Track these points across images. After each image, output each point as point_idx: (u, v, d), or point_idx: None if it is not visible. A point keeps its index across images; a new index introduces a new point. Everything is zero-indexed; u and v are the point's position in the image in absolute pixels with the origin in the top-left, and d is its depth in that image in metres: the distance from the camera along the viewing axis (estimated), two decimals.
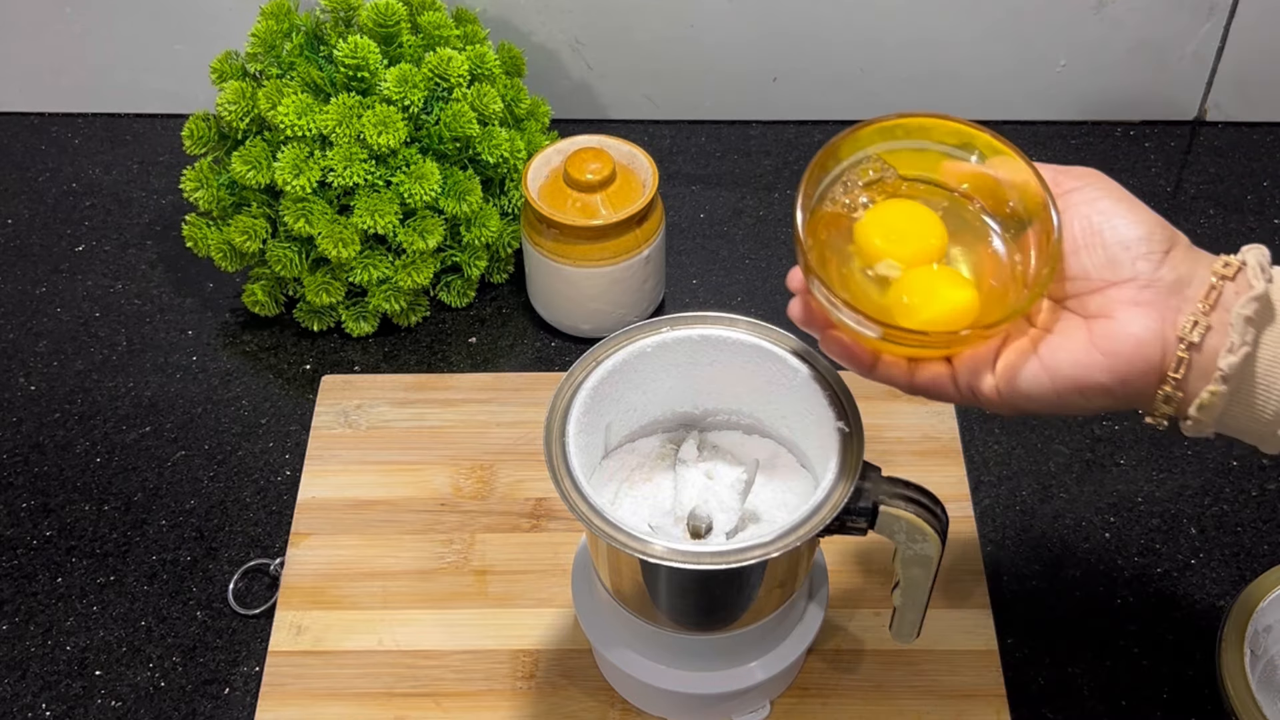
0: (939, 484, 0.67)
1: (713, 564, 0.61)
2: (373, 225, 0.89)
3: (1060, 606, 0.80)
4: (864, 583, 0.80)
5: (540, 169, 0.92)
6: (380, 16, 0.91)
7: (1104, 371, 0.57)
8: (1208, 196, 1.04)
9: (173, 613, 0.81)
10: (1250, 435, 0.59)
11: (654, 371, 0.70)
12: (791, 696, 0.76)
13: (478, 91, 0.92)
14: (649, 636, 0.70)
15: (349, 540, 0.83)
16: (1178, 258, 0.58)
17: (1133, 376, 0.57)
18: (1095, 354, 0.57)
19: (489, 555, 0.82)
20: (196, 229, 0.93)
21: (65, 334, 0.96)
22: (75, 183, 1.08)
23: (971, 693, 0.75)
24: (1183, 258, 0.58)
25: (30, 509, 0.86)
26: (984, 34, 1.04)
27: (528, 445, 0.87)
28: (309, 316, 0.96)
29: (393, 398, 0.90)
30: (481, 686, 0.76)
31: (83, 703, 0.77)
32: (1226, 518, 0.84)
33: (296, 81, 0.90)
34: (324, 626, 0.79)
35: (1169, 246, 0.58)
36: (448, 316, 0.98)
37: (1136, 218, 0.59)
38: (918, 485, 0.64)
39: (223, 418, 0.91)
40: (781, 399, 0.69)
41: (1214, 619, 0.79)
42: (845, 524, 0.64)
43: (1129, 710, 0.76)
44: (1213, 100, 1.09)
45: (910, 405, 0.88)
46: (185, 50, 1.07)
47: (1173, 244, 0.58)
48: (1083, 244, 0.59)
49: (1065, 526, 0.84)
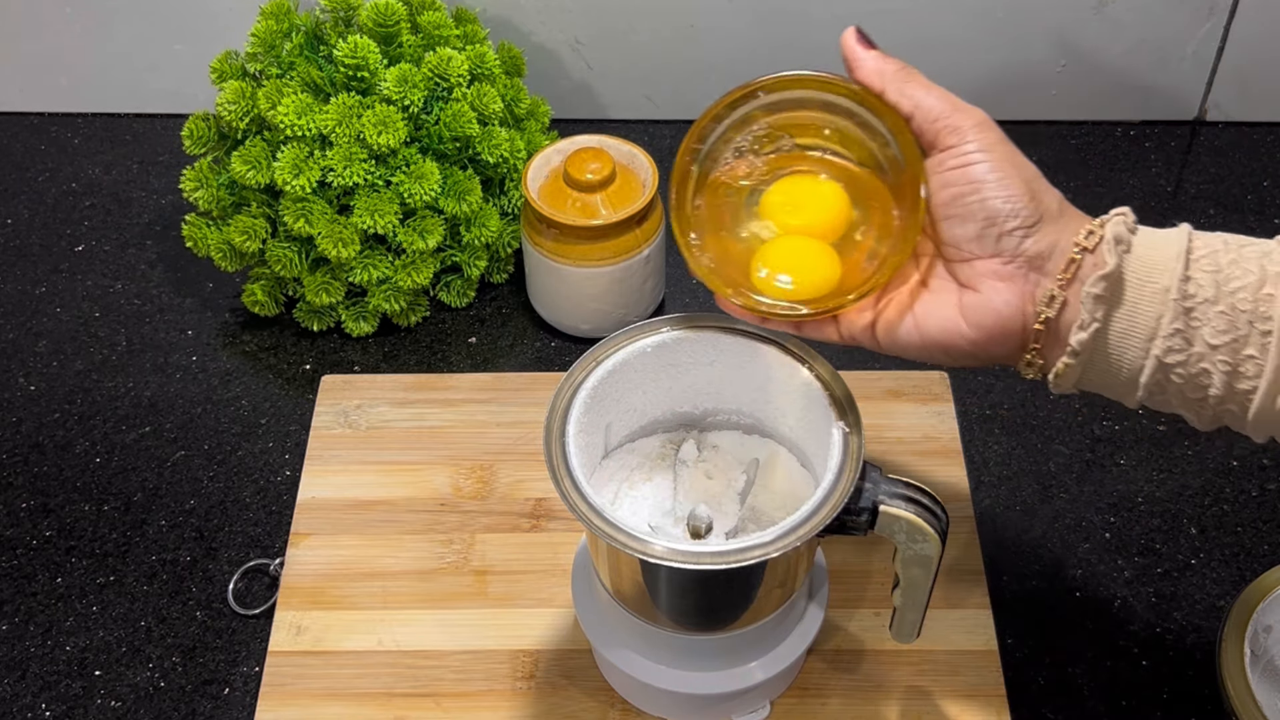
0: (939, 484, 0.67)
1: (713, 564, 0.61)
2: (372, 225, 0.89)
3: (1060, 606, 0.80)
4: (864, 583, 0.80)
5: (540, 169, 0.92)
6: (380, 16, 0.91)
7: (968, 340, 0.61)
8: (1208, 196, 1.04)
9: (172, 613, 0.81)
10: (1110, 394, 0.62)
11: (654, 371, 0.70)
12: (791, 696, 0.75)
13: (478, 91, 0.92)
14: (649, 636, 0.70)
15: (349, 540, 0.83)
16: (1043, 230, 0.60)
17: (994, 346, 0.61)
18: (961, 323, 0.61)
19: (489, 555, 0.82)
20: (196, 229, 0.93)
21: (65, 334, 0.96)
22: (75, 183, 1.08)
23: (971, 693, 0.75)
24: (1048, 229, 0.60)
25: (30, 509, 0.86)
26: (984, 34, 1.04)
27: (528, 445, 0.87)
28: (309, 316, 0.95)
29: (393, 398, 0.90)
30: (481, 687, 0.76)
31: (82, 703, 0.77)
32: (1227, 518, 0.84)
33: (296, 81, 0.90)
34: (324, 627, 0.79)
35: (1036, 219, 0.60)
36: (448, 316, 0.98)
37: (1006, 190, 0.60)
38: (918, 485, 0.64)
39: (222, 418, 0.91)
40: (781, 399, 0.69)
41: (1214, 619, 0.79)
42: (845, 524, 0.64)
43: (1129, 710, 0.76)
44: (1213, 100, 1.09)
45: (910, 405, 0.88)
46: (185, 50, 1.07)
47: (1040, 216, 0.60)
48: (952, 213, 0.61)
49: (1065, 526, 0.84)
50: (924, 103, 0.61)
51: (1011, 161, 0.60)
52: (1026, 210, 0.60)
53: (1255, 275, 0.58)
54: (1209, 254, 0.59)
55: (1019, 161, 0.61)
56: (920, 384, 0.90)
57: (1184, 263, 0.58)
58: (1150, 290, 0.59)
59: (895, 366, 0.92)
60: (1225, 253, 0.59)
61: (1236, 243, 0.59)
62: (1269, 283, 0.57)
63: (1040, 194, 0.60)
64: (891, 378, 0.90)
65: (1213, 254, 0.59)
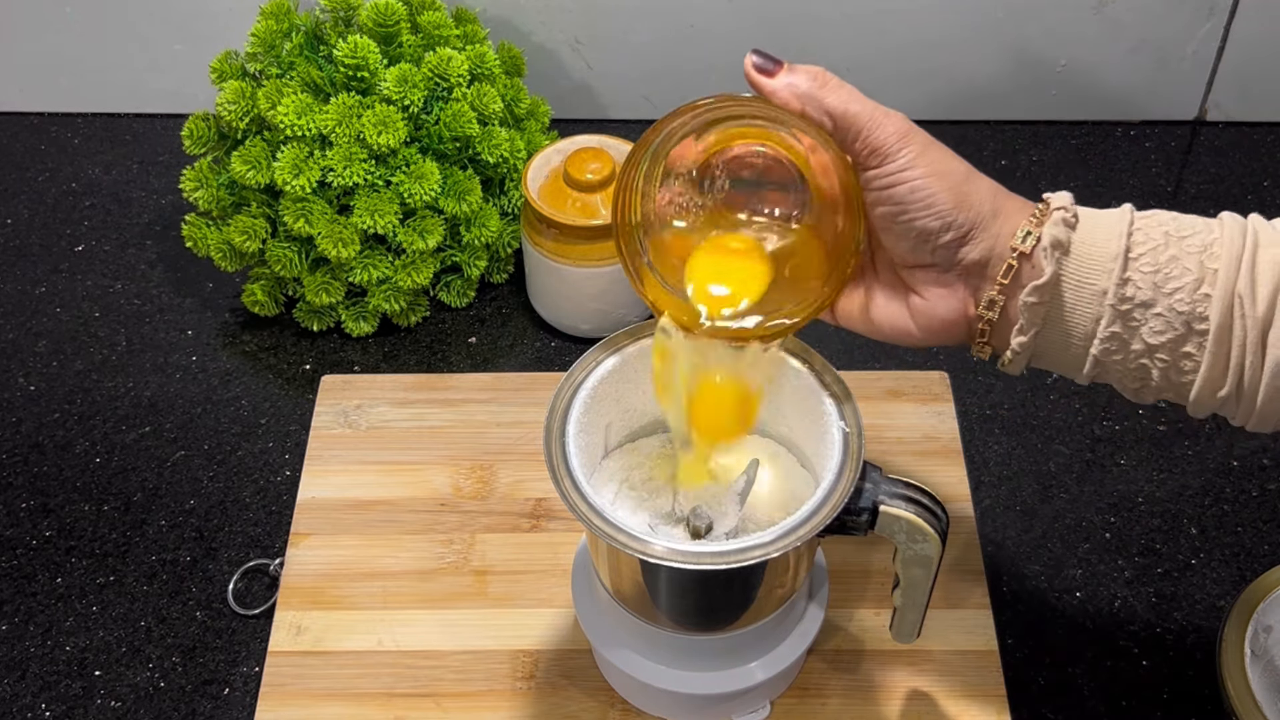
0: (939, 484, 0.67)
1: (713, 564, 0.61)
2: (372, 225, 0.89)
3: (1060, 606, 0.80)
4: (864, 583, 0.80)
5: (540, 169, 0.92)
6: (380, 16, 0.91)
7: (918, 340, 0.64)
8: (1208, 196, 1.04)
9: (172, 613, 0.81)
10: (1061, 371, 0.63)
11: None
12: (791, 697, 0.75)
13: (477, 91, 0.92)
14: (649, 637, 0.70)
15: (349, 540, 0.83)
16: (978, 238, 0.60)
17: (942, 340, 0.63)
18: (910, 325, 0.63)
19: (489, 555, 0.82)
20: (196, 229, 0.93)
21: (65, 334, 0.96)
22: (75, 182, 1.08)
23: (971, 693, 0.75)
24: (983, 236, 0.60)
25: (30, 509, 0.86)
26: (984, 34, 1.04)
27: (528, 445, 0.87)
28: (309, 316, 0.95)
29: (392, 398, 0.90)
30: (481, 687, 0.76)
31: (82, 703, 0.77)
32: (1227, 518, 0.84)
33: (296, 81, 0.90)
34: (324, 627, 0.79)
35: (968, 229, 0.60)
36: (447, 316, 0.98)
37: (933, 208, 0.59)
38: (918, 485, 0.64)
39: (222, 418, 0.91)
40: (781, 399, 0.69)
41: (1214, 619, 0.79)
42: (845, 524, 0.64)
43: (1129, 710, 0.76)
44: (1213, 100, 1.09)
45: (910, 405, 0.88)
46: (185, 50, 1.07)
47: (972, 224, 0.60)
48: (886, 228, 0.61)
49: (1065, 526, 0.84)
50: (842, 119, 0.59)
51: (937, 172, 0.59)
52: (957, 222, 0.60)
53: (1193, 275, 0.58)
54: (1149, 251, 0.59)
55: (946, 168, 0.60)
56: (920, 384, 0.90)
57: (1122, 264, 0.59)
58: (1088, 293, 0.59)
59: (895, 366, 0.92)
60: (1165, 248, 0.59)
61: (1178, 233, 0.59)
62: (1206, 282, 0.58)
63: (970, 199, 0.60)
64: (891, 378, 0.90)
65: (1153, 251, 0.59)
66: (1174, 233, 0.59)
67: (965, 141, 1.06)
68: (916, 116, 0.61)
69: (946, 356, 0.93)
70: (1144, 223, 0.60)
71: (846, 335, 0.95)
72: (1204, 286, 0.58)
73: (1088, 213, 0.60)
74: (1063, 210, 0.59)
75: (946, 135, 0.61)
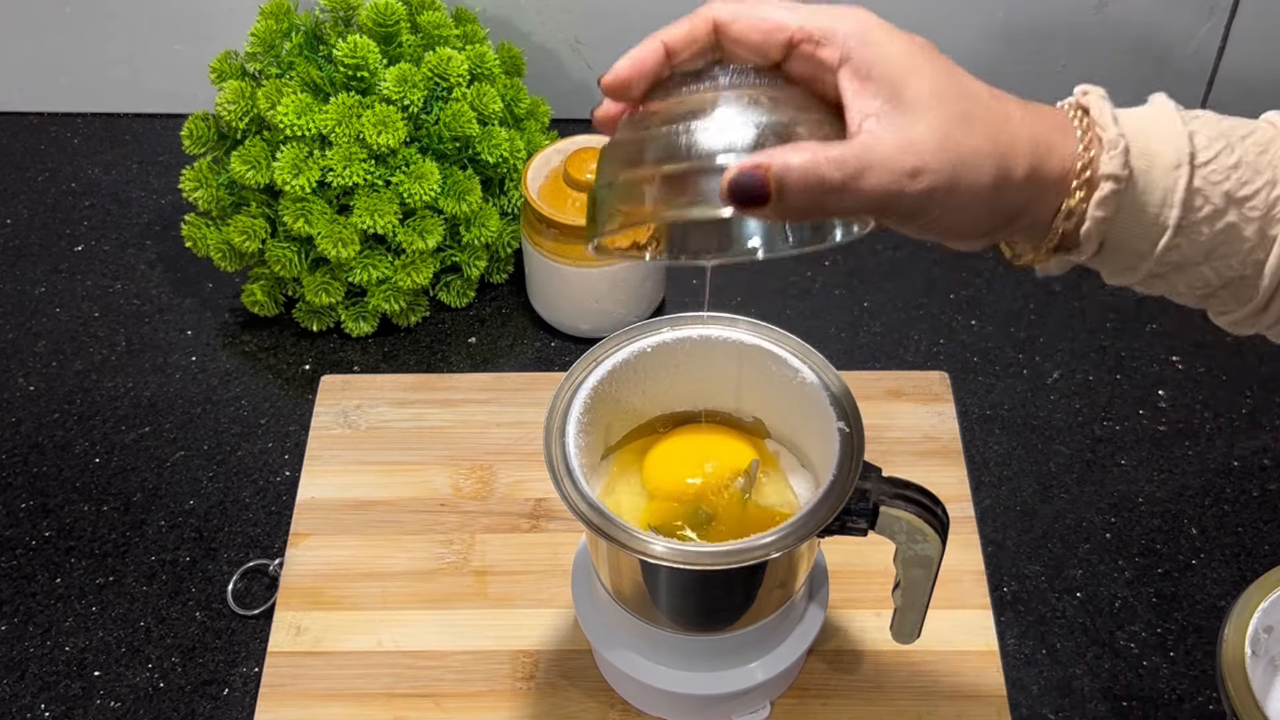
0: (939, 484, 0.67)
1: (713, 564, 0.61)
2: (372, 225, 0.89)
3: (1060, 606, 0.80)
4: (864, 583, 0.80)
5: (540, 169, 0.92)
6: (380, 16, 0.91)
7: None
8: None
9: (172, 613, 0.81)
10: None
11: (654, 371, 0.70)
12: (792, 697, 0.75)
13: (477, 91, 0.92)
14: (649, 637, 0.70)
15: (348, 540, 0.83)
16: (1019, 222, 0.53)
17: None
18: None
19: (489, 555, 0.82)
20: (196, 229, 0.93)
21: (64, 334, 0.96)
22: (74, 182, 1.08)
23: (972, 693, 0.75)
24: (1024, 217, 0.52)
25: (29, 509, 0.86)
26: (984, 34, 1.04)
27: (528, 445, 0.87)
28: (308, 316, 0.95)
29: (392, 398, 0.90)
30: (481, 687, 0.76)
31: (82, 703, 0.77)
32: (1227, 518, 0.84)
33: (296, 81, 0.90)
34: (323, 627, 0.78)
35: (1011, 220, 0.52)
36: (447, 316, 0.98)
37: (972, 232, 0.52)
38: (918, 485, 0.64)
39: (222, 418, 0.91)
40: (781, 399, 0.69)
41: (1214, 619, 0.79)
42: (845, 524, 0.64)
43: (1129, 710, 0.76)
44: (1213, 100, 1.09)
45: (910, 405, 0.88)
46: (185, 50, 1.07)
47: (1014, 215, 0.52)
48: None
49: (1066, 527, 0.84)
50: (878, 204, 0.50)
51: (964, 205, 0.50)
52: (997, 228, 0.52)
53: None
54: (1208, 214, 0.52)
55: (975, 190, 0.50)
56: (920, 384, 0.90)
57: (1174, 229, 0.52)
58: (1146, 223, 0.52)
59: (895, 366, 0.92)
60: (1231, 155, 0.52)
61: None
62: None
63: (1005, 197, 0.51)
64: (891, 378, 0.90)
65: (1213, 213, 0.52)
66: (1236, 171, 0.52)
67: None
68: None
69: (946, 357, 0.93)
70: (1203, 167, 0.52)
71: (846, 335, 0.95)
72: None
73: (1140, 159, 0.52)
74: (1110, 181, 0.51)
75: None
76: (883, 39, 0.50)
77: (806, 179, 0.47)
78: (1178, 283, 0.54)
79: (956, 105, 0.50)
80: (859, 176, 0.48)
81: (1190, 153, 0.52)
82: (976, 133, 0.50)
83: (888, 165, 0.48)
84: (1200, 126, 0.53)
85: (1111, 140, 0.52)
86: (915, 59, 0.51)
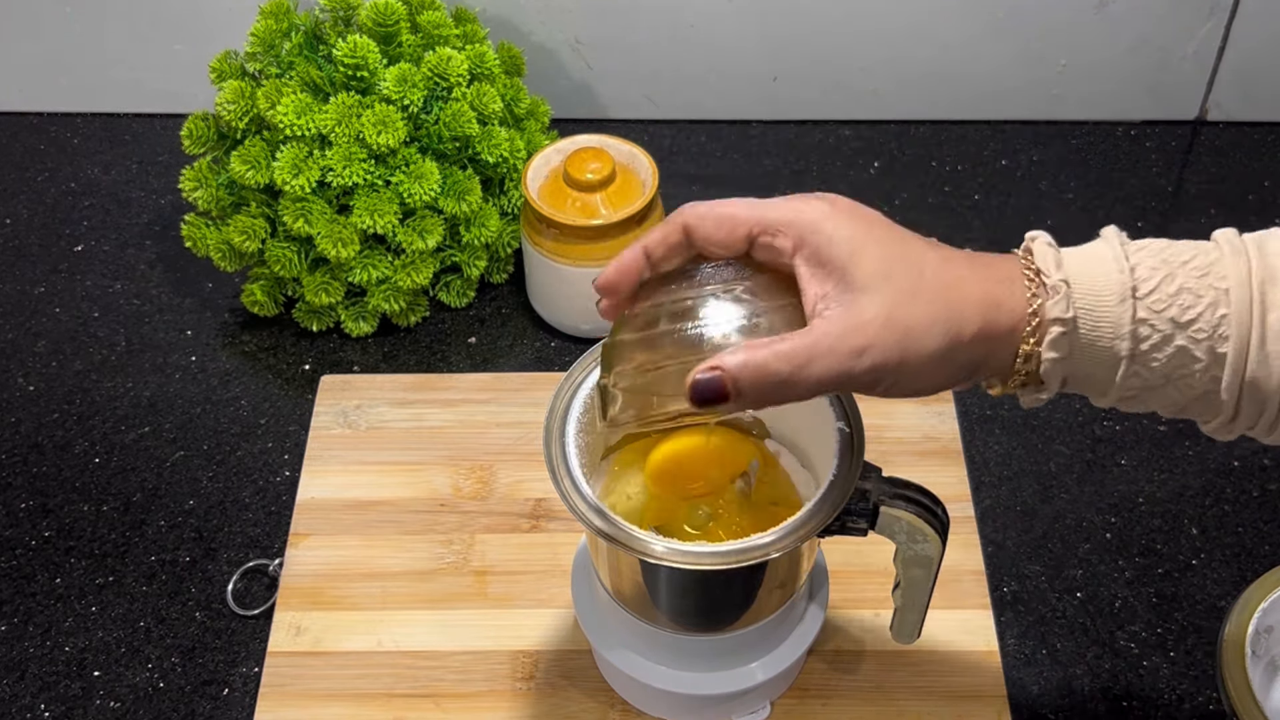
0: (939, 484, 0.67)
1: (713, 564, 0.61)
2: (372, 225, 0.89)
3: (1060, 606, 0.80)
4: (864, 583, 0.80)
5: (540, 169, 0.92)
6: (380, 16, 0.91)
7: None
8: (1209, 196, 1.04)
9: (172, 613, 0.81)
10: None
11: None
12: (792, 697, 0.75)
13: (477, 91, 0.92)
14: (649, 637, 0.70)
15: (348, 540, 0.82)
16: (977, 376, 0.56)
17: None
18: None
19: (489, 555, 0.82)
20: (195, 229, 0.93)
21: (64, 334, 0.96)
22: (74, 182, 1.07)
23: (972, 693, 0.75)
24: (981, 370, 0.56)
25: (29, 509, 0.86)
26: (984, 34, 1.04)
27: (527, 445, 0.87)
28: (308, 316, 0.95)
29: (392, 398, 0.90)
30: (481, 687, 0.76)
31: (81, 703, 0.77)
32: (1228, 518, 0.84)
33: (295, 81, 0.90)
34: (323, 627, 0.78)
35: (970, 375, 0.56)
36: (447, 316, 0.98)
37: (930, 390, 0.55)
38: (918, 485, 0.64)
39: (222, 418, 0.91)
40: None
41: (1214, 619, 0.79)
42: (845, 524, 0.64)
43: (1129, 710, 0.76)
44: (1213, 100, 1.09)
45: (910, 405, 0.88)
46: (185, 50, 1.07)
47: (972, 371, 0.55)
48: None
49: (1066, 527, 0.84)
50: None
51: (919, 370, 0.54)
52: (955, 384, 0.56)
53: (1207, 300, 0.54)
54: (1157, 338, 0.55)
55: (924, 357, 0.53)
56: None
57: (1128, 361, 0.55)
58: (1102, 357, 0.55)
59: None
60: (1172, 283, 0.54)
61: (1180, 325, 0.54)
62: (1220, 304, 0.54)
63: (959, 356, 0.54)
64: None
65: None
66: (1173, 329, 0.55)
67: (965, 141, 1.06)
68: (917, 116, 0.61)
69: None
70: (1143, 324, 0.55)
71: None
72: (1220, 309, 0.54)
73: (1084, 300, 0.54)
74: (1058, 325, 0.54)
75: (947, 135, 0.61)
76: (831, 227, 0.54)
77: (758, 376, 0.53)
78: (1151, 402, 0.57)
79: (904, 280, 0.54)
80: (806, 366, 0.52)
81: (1132, 286, 0.54)
82: (923, 303, 0.54)
83: (835, 350, 0.53)
84: (1144, 257, 0.56)
85: (1054, 286, 0.55)
86: (863, 240, 0.54)
